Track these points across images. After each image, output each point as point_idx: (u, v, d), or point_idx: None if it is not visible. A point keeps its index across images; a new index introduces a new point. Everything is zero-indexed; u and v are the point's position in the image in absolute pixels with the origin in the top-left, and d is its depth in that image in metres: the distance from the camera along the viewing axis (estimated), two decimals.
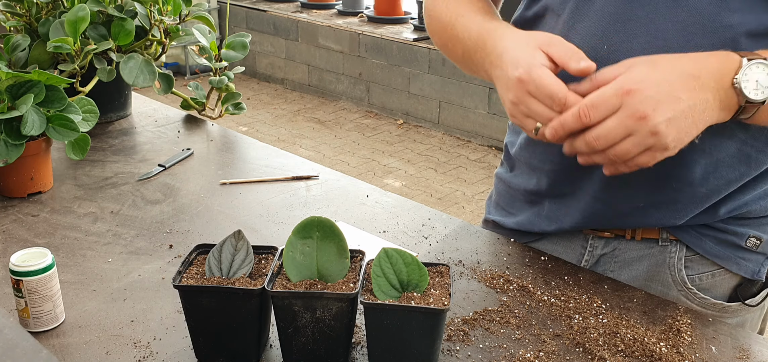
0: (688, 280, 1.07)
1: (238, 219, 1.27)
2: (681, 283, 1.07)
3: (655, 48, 0.91)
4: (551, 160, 1.07)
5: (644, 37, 0.93)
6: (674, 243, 1.06)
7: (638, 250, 1.08)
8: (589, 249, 1.12)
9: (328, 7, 5.86)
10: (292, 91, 5.87)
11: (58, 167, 1.45)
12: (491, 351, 0.92)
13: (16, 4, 1.53)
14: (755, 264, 1.05)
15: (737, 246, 1.05)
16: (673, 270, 1.07)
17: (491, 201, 1.29)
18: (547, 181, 1.10)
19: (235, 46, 1.66)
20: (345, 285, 0.85)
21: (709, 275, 1.07)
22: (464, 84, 4.71)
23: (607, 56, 0.94)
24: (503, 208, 1.23)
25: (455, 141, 4.78)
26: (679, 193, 1.00)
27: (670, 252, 1.07)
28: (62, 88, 1.27)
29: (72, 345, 0.92)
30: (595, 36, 0.96)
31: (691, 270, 1.07)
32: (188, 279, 0.87)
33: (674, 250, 1.07)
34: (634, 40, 0.93)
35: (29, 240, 1.18)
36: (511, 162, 1.20)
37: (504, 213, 1.23)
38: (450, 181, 4.19)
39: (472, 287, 1.06)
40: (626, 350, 0.91)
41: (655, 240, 1.07)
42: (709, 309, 1.07)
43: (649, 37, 0.92)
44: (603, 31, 0.95)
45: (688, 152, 0.93)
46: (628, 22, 0.93)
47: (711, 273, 1.07)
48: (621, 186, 1.01)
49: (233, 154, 1.57)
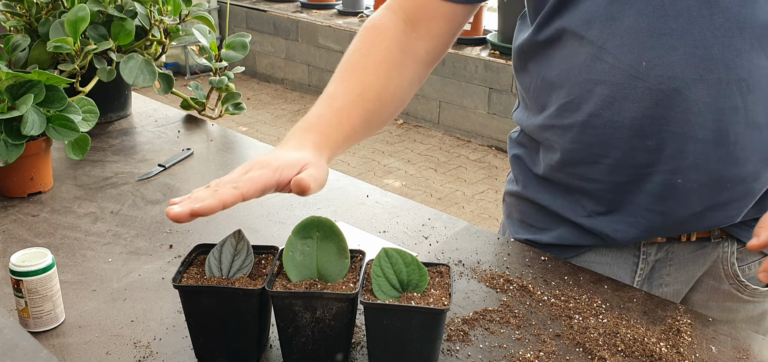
0: (739, 272, 1.09)
1: (238, 219, 1.27)
2: (733, 277, 1.10)
3: (696, 57, 0.90)
4: (596, 180, 1.03)
5: (683, 49, 0.90)
6: (726, 239, 1.08)
7: (692, 250, 1.09)
8: (643, 257, 1.09)
9: (328, 7, 5.86)
10: (292, 91, 5.87)
11: (58, 167, 1.45)
12: (491, 351, 0.92)
13: (16, 4, 1.53)
14: None
15: None
16: (726, 265, 1.09)
17: (513, 221, 1.21)
18: (591, 202, 1.06)
19: (235, 46, 1.66)
20: (345, 285, 0.85)
21: (756, 264, 1.10)
22: (464, 84, 4.71)
23: (647, 72, 0.92)
24: (532, 225, 1.17)
25: (455, 141, 4.78)
26: (734, 193, 0.99)
27: (723, 248, 1.09)
28: (62, 88, 1.27)
29: (72, 345, 0.92)
30: (631, 54, 0.92)
31: (741, 262, 1.09)
32: (188, 279, 0.87)
33: (726, 246, 1.09)
34: (672, 53, 0.91)
35: (29, 240, 1.18)
36: (534, 180, 1.14)
37: (535, 231, 1.16)
38: (450, 181, 4.19)
39: (472, 287, 1.06)
40: (626, 350, 0.91)
41: (707, 238, 1.08)
42: (758, 298, 1.11)
43: (688, 48, 0.90)
44: (639, 49, 0.92)
45: (740, 151, 0.94)
46: (664, 35, 0.90)
47: (757, 262, 1.10)
48: (676, 196, 0.99)
49: (233, 154, 1.57)
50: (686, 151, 0.95)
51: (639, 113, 0.94)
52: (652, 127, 0.94)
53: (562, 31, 0.98)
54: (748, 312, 1.13)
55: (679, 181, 0.97)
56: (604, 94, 0.95)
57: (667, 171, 0.97)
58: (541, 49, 1.03)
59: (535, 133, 1.10)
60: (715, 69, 0.90)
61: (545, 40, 1.01)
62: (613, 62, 0.93)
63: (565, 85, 0.99)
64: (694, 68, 0.90)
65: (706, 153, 0.94)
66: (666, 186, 0.98)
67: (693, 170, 0.96)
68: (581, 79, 0.97)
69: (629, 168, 0.99)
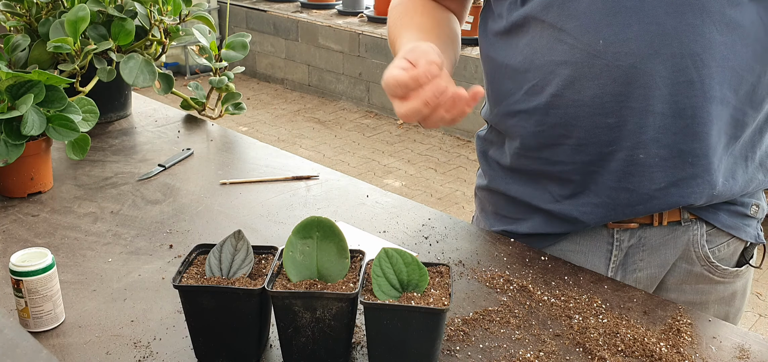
0: (710, 254, 1.11)
1: (238, 219, 1.27)
2: (704, 259, 1.12)
3: (650, 33, 0.94)
4: (561, 162, 1.06)
5: (638, 25, 0.94)
6: (695, 222, 1.10)
7: (663, 235, 1.10)
8: (616, 244, 1.11)
9: (328, 7, 5.86)
10: (292, 91, 5.87)
11: (58, 167, 1.45)
12: (491, 351, 0.92)
13: (16, 4, 1.53)
14: (754, 229, 1.14)
15: (744, 215, 1.11)
16: (696, 247, 1.11)
17: (486, 215, 1.24)
18: (558, 186, 1.09)
19: (235, 46, 1.66)
20: (345, 285, 0.85)
21: (725, 245, 1.12)
22: (464, 84, 4.69)
23: (604, 50, 0.96)
24: (507, 216, 1.19)
25: (455, 141, 4.78)
26: (696, 168, 1.01)
27: (693, 230, 1.10)
28: (62, 88, 1.27)
29: (72, 345, 0.92)
30: (588, 33, 0.96)
31: (711, 244, 1.11)
32: (188, 279, 0.87)
33: (696, 228, 1.10)
34: (628, 30, 0.95)
35: (29, 240, 1.18)
36: (501, 172, 1.17)
37: (510, 222, 1.19)
38: (450, 181, 4.19)
39: (472, 287, 1.06)
40: (626, 350, 0.91)
41: (678, 222, 1.09)
42: (727, 278, 1.13)
43: (643, 24, 0.94)
44: (595, 27, 0.96)
45: (699, 125, 0.97)
46: (619, 13, 0.95)
47: (726, 243, 1.12)
48: (640, 172, 1.02)
49: (233, 154, 1.57)
50: (646, 125, 0.98)
51: (599, 90, 0.98)
52: (612, 104, 0.98)
53: (525, 18, 1.03)
54: (719, 293, 1.15)
55: (641, 156, 1.00)
56: (565, 75, 0.99)
57: (629, 146, 1.00)
58: (506, 38, 1.07)
59: (500, 122, 1.13)
60: (670, 44, 0.94)
61: (509, 27, 1.06)
62: (573, 42, 0.97)
63: (530, 69, 1.03)
64: (649, 44, 0.94)
65: (666, 126, 0.98)
66: (629, 162, 1.01)
67: (654, 144, 0.99)
68: (544, 61, 1.01)
69: (592, 146, 1.02)
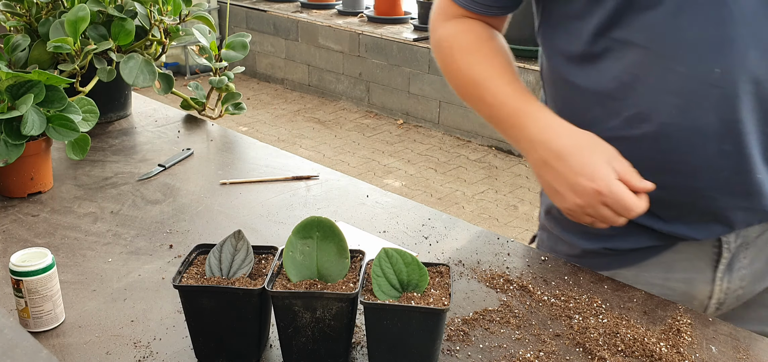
0: None
1: (238, 219, 1.27)
2: None
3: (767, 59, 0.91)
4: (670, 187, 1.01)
5: (755, 51, 0.90)
6: None
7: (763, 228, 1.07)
8: (725, 246, 1.06)
9: (328, 7, 5.86)
10: (292, 91, 5.86)
11: (58, 167, 1.45)
12: (491, 351, 0.92)
13: (16, 4, 1.53)
14: None
15: None
16: None
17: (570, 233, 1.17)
18: (666, 208, 1.05)
19: (235, 46, 1.66)
20: (345, 285, 0.85)
21: None
22: None
23: (720, 79, 0.91)
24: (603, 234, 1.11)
25: (455, 141, 4.78)
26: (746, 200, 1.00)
27: None
28: (62, 88, 1.27)
29: (72, 345, 0.92)
30: (702, 63, 0.92)
31: None
32: (188, 279, 0.87)
33: None
34: (745, 59, 0.90)
35: (29, 240, 1.18)
36: None
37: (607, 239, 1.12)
38: (450, 181, 4.19)
39: (472, 287, 1.06)
40: (626, 350, 0.91)
41: None
42: None
43: (759, 50, 0.90)
44: (709, 56, 0.91)
45: None
46: (734, 41, 0.90)
47: None
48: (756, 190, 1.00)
49: (233, 154, 1.57)
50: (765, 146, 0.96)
51: (715, 118, 0.93)
52: (729, 131, 0.94)
53: (617, 42, 0.97)
54: None
55: (759, 177, 0.97)
56: (675, 103, 0.94)
57: (747, 171, 0.97)
58: (589, 61, 1.01)
59: None
60: None
61: (594, 51, 1.00)
62: (685, 71, 0.92)
63: (629, 97, 0.98)
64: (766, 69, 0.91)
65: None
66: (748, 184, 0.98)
67: None
68: (648, 89, 0.96)
69: (706, 172, 0.98)
